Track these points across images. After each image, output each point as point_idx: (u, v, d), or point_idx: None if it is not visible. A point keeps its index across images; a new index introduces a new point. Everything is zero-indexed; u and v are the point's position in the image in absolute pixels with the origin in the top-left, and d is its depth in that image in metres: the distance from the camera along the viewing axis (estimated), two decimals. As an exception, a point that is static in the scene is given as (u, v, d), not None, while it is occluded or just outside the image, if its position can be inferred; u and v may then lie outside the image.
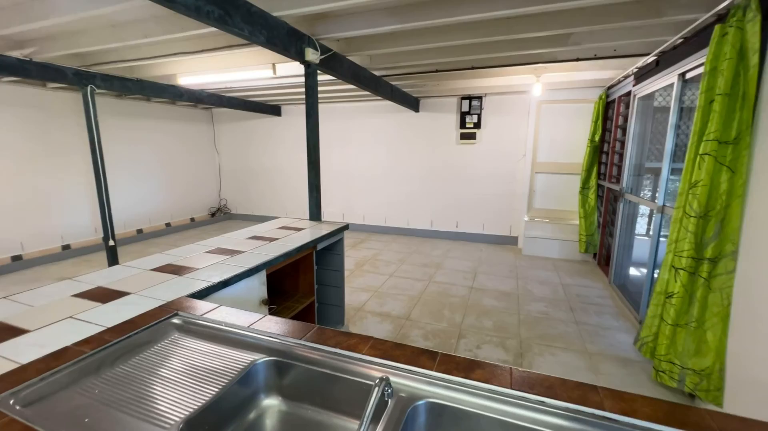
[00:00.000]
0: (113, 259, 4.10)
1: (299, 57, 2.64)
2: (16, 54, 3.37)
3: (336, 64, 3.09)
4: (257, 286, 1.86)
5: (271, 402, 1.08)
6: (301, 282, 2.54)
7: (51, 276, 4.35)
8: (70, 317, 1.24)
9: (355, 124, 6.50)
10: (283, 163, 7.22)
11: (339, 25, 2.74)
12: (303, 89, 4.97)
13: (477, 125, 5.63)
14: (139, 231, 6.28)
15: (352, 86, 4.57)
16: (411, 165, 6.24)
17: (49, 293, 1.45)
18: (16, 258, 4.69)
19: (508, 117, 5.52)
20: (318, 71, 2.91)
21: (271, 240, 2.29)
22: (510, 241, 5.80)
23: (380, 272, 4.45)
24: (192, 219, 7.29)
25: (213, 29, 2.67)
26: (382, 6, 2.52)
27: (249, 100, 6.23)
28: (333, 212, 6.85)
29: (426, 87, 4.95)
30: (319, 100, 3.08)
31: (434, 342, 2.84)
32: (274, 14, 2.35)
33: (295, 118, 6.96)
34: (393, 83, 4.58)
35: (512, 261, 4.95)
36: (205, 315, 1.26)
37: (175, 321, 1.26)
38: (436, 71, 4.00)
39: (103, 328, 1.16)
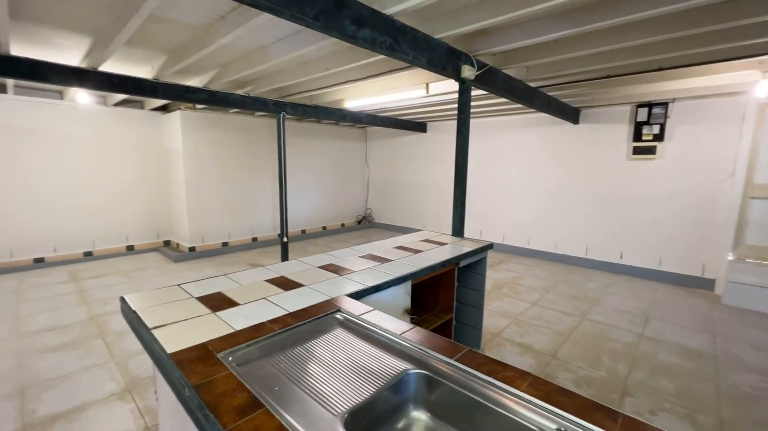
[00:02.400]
0: (285, 253, 4.97)
1: (455, 75, 2.68)
2: (240, 92, 4.50)
3: (490, 78, 3.02)
4: (402, 295, 1.93)
5: (419, 416, 1.08)
6: (441, 298, 2.54)
7: (245, 262, 5.57)
8: (264, 298, 1.53)
9: (501, 139, 6.23)
10: (425, 177, 7.48)
11: (498, 39, 2.67)
12: (451, 106, 5.06)
13: (658, 137, 4.63)
14: (303, 231, 7.48)
15: (502, 100, 4.40)
16: (564, 183, 5.58)
17: (250, 276, 1.83)
18: (225, 244, 6.21)
19: (708, 126, 4.35)
20: (472, 87, 2.89)
21: (416, 251, 2.37)
22: (701, 284, 4.50)
23: (521, 298, 4.08)
24: (342, 225, 8.26)
25: (379, 57, 2.99)
26: (550, 12, 2.34)
27: (399, 118, 6.72)
28: (470, 228, 6.69)
29: (590, 95, 4.36)
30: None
31: (588, 391, 2.40)
32: (436, 36, 2.46)
33: (439, 134, 7.14)
34: (550, 94, 4.20)
35: (705, 310, 3.82)
36: (362, 316, 1.37)
37: (338, 316, 1.41)
38: (607, 77, 3.48)
39: (287, 312, 1.39)
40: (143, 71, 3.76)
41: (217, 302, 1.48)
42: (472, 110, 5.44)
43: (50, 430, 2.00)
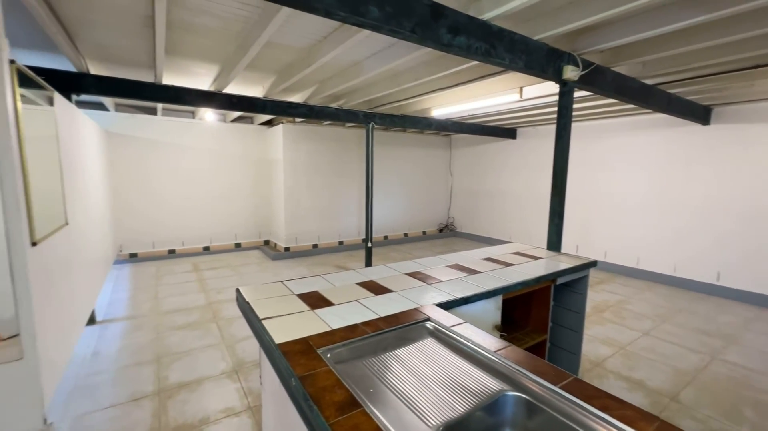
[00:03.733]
0: (369, 258, 5.15)
1: (555, 76, 2.49)
2: (334, 105, 4.84)
3: (596, 78, 2.73)
4: (492, 310, 1.84)
5: (517, 443, 1.00)
6: (533, 316, 2.35)
7: (332, 264, 5.93)
8: (356, 301, 1.60)
9: (605, 144, 5.58)
10: (512, 185, 7.07)
11: (608, 34, 2.41)
12: (546, 110, 4.72)
13: (830, 138, 3.65)
14: (385, 237, 7.67)
15: (609, 101, 3.95)
16: (687, 194, 4.74)
17: (343, 278, 1.93)
18: (315, 246, 6.69)
19: None
20: (574, 88, 2.65)
21: (507, 265, 2.23)
22: None
23: (627, 326, 3.56)
24: (424, 233, 8.25)
25: (471, 63, 2.93)
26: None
27: (487, 124, 6.49)
28: (565, 242, 6.09)
29: (728, 91, 3.65)
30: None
31: (724, 449, 1.97)
32: (535, 38, 2.32)
33: (530, 140, 6.71)
34: (672, 91, 3.63)
35: None
36: (453, 328, 1.34)
37: (428, 326, 1.39)
38: (755, 67, 2.87)
39: (378, 316, 1.43)
40: (255, 91, 4.30)
41: (315, 300, 1.59)
42: (574, 113, 5.00)
43: (177, 395, 2.37)
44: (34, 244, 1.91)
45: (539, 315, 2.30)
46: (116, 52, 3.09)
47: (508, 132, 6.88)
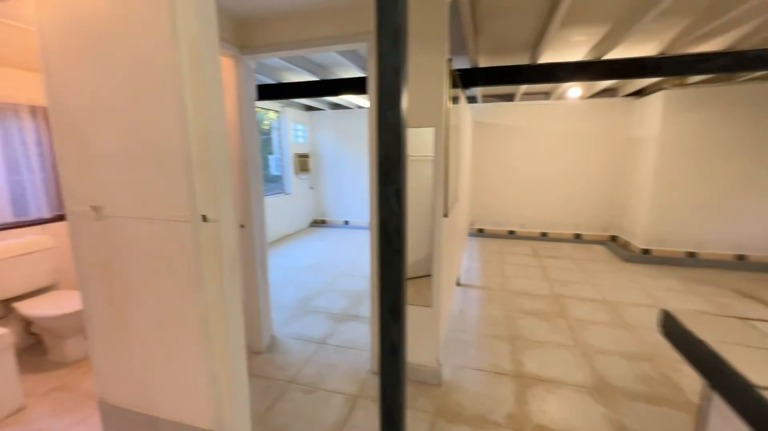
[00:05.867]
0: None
1: None
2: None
3: None
4: None
5: None
6: None
7: (727, 286, 4.08)
8: None
9: None
10: None
11: None
12: None
13: None
14: None
15: None
16: None
17: None
18: (690, 255, 4.91)
19: None
20: None
21: None
22: None
23: None
24: None
25: None
26: None
27: None
28: None
29: None
30: None
31: None
32: None
33: None
34: None
35: None
36: None
37: None
38: None
39: None
40: (647, 49, 3.40)
41: None
42: None
43: (534, 388, 2.26)
44: (445, 215, 2.27)
45: None
46: (504, 41, 3.26)
47: None
